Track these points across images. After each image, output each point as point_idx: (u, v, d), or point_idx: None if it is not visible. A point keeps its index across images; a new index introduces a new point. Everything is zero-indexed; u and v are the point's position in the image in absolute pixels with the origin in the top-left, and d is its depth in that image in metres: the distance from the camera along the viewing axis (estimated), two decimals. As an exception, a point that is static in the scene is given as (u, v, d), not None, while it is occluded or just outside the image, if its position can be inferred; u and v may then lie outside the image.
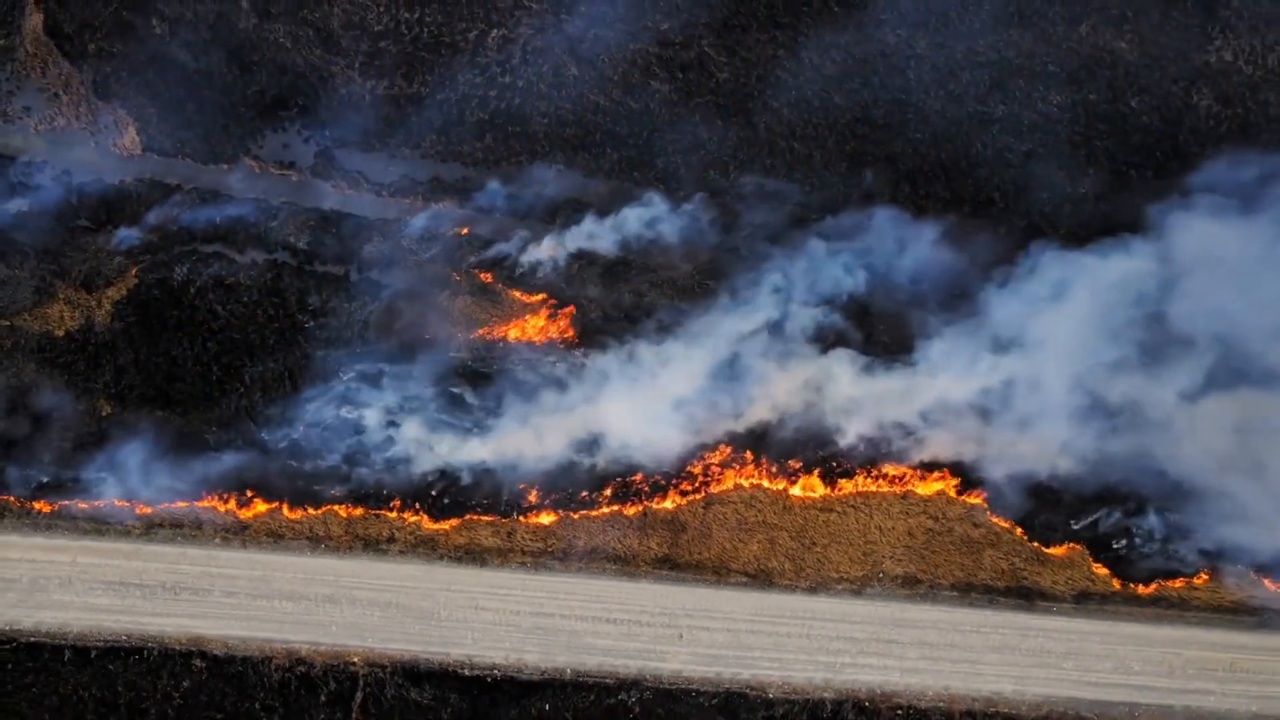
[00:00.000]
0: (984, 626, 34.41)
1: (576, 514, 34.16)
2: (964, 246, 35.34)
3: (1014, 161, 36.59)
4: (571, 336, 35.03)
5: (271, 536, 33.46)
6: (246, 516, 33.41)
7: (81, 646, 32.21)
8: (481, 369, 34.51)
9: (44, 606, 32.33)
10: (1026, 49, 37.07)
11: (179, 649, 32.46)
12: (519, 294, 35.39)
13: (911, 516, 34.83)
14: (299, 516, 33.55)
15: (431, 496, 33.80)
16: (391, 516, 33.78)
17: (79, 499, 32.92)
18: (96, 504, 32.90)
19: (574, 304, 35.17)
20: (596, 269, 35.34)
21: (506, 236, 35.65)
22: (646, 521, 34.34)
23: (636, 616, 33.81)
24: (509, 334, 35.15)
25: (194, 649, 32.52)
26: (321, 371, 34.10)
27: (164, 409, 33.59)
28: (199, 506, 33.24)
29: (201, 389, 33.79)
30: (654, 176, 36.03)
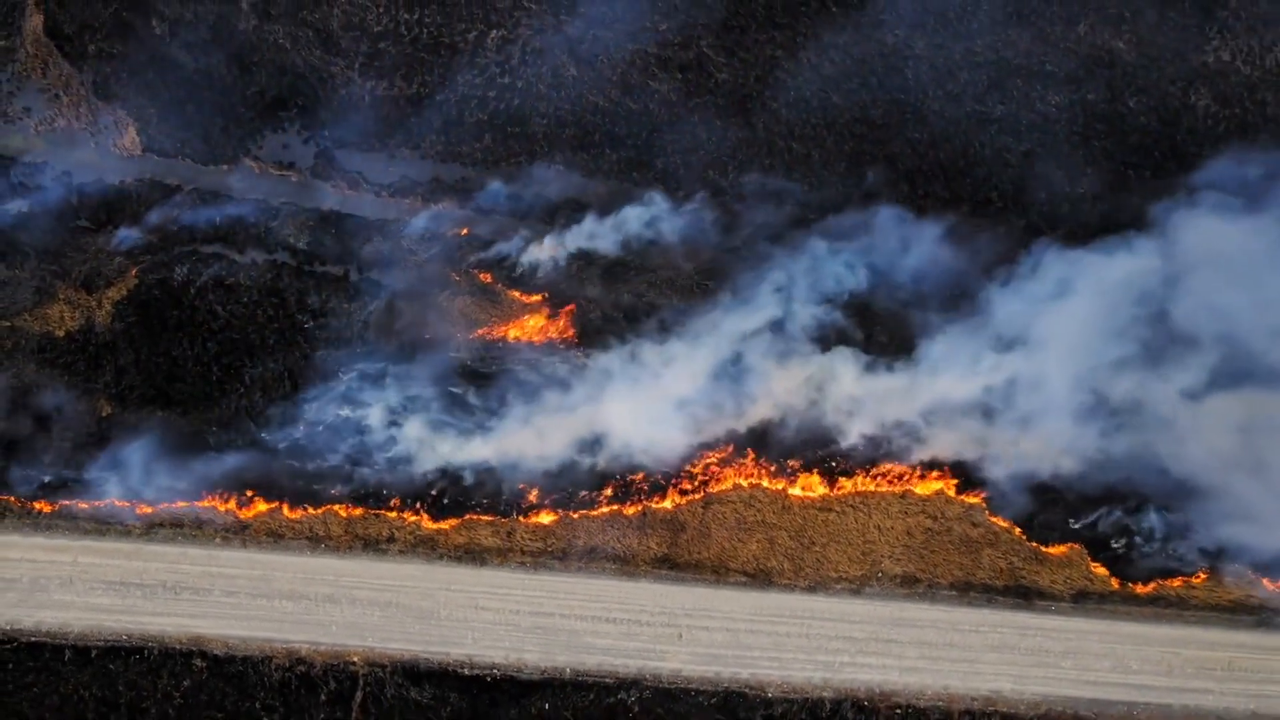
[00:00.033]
0: (982, 626, 34.44)
1: (576, 514, 34.20)
2: (966, 245, 35.36)
3: (1012, 161, 36.61)
4: (571, 336, 35.08)
5: (271, 536, 33.51)
6: (247, 516, 33.47)
7: (82, 646, 32.26)
8: (482, 369, 34.57)
9: (45, 606, 32.39)
10: (1024, 49, 37.10)
11: (179, 648, 32.51)
12: (518, 294, 35.44)
13: (910, 516, 34.85)
14: (299, 516, 33.60)
15: (433, 496, 33.84)
16: (391, 516, 33.82)
17: (80, 499, 32.97)
18: (97, 504, 32.95)
19: (573, 304, 35.24)
20: (596, 269, 35.38)
21: (507, 237, 35.71)
22: (646, 521, 34.37)
23: (636, 616, 33.84)
24: (509, 334, 35.19)
25: (194, 648, 32.57)
26: (321, 372, 34.16)
27: (164, 409, 33.64)
28: (199, 506, 33.30)
29: (202, 389, 33.84)
30: (653, 177, 36.06)
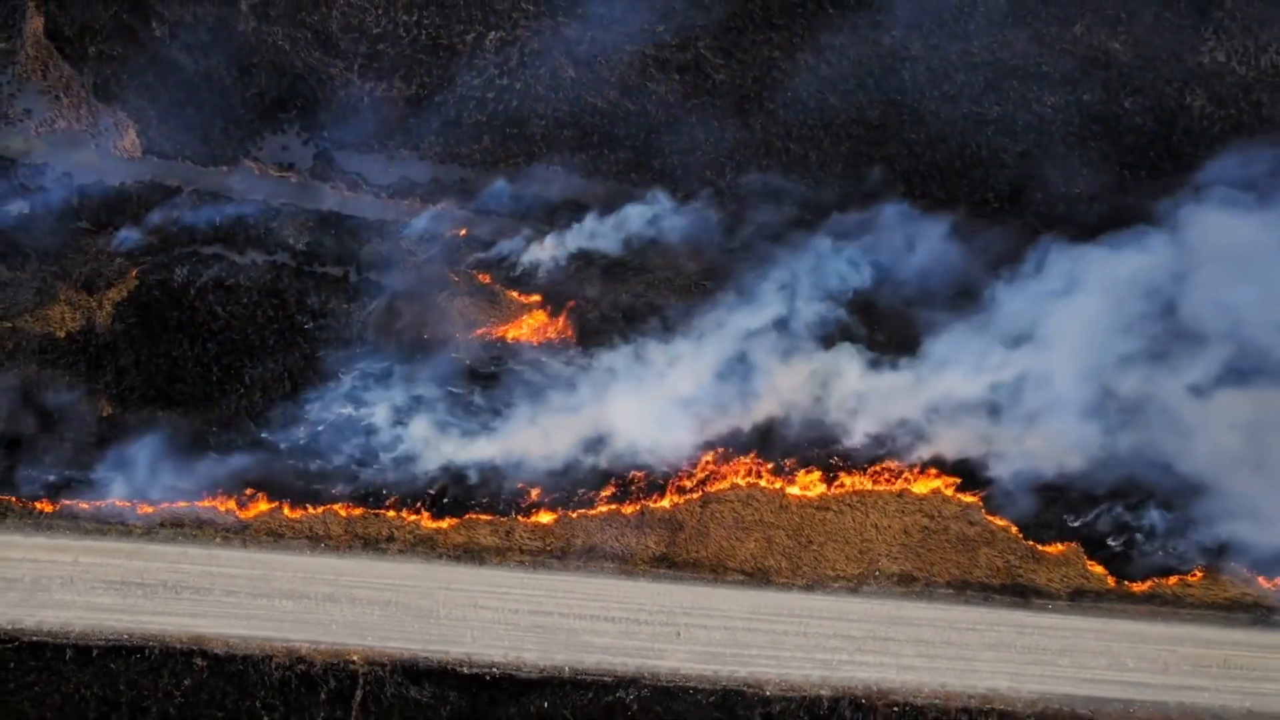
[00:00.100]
0: (979, 624, 34.53)
1: (574, 513, 34.30)
2: (971, 242, 35.36)
3: (1009, 162, 36.70)
4: (570, 336, 35.15)
5: (272, 536, 33.60)
6: (247, 516, 33.56)
7: (83, 645, 32.36)
8: (483, 369, 34.65)
9: (46, 606, 32.49)
10: (1021, 50, 37.19)
11: (180, 648, 32.61)
12: (517, 294, 35.53)
13: (907, 515, 34.93)
14: (299, 516, 33.69)
15: (435, 495, 33.89)
16: (391, 516, 33.91)
17: (81, 499, 33.08)
18: (98, 504, 33.05)
19: (573, 304, 35.32)
20: (596, 269, 35.44)
21: (507, 237, 35.78)
22: (644, 520, 34.46)
23: (634, 614, 33.94)
24: (508, 334, 35.28)
25: (195, 648, 32.66)
26: (322, 372, 34.25)
27: (165, 410, 33.73)
28: (200, 506, 33.39)
29: (202, 389, 33.94)
30: (651, 178, 36.13)
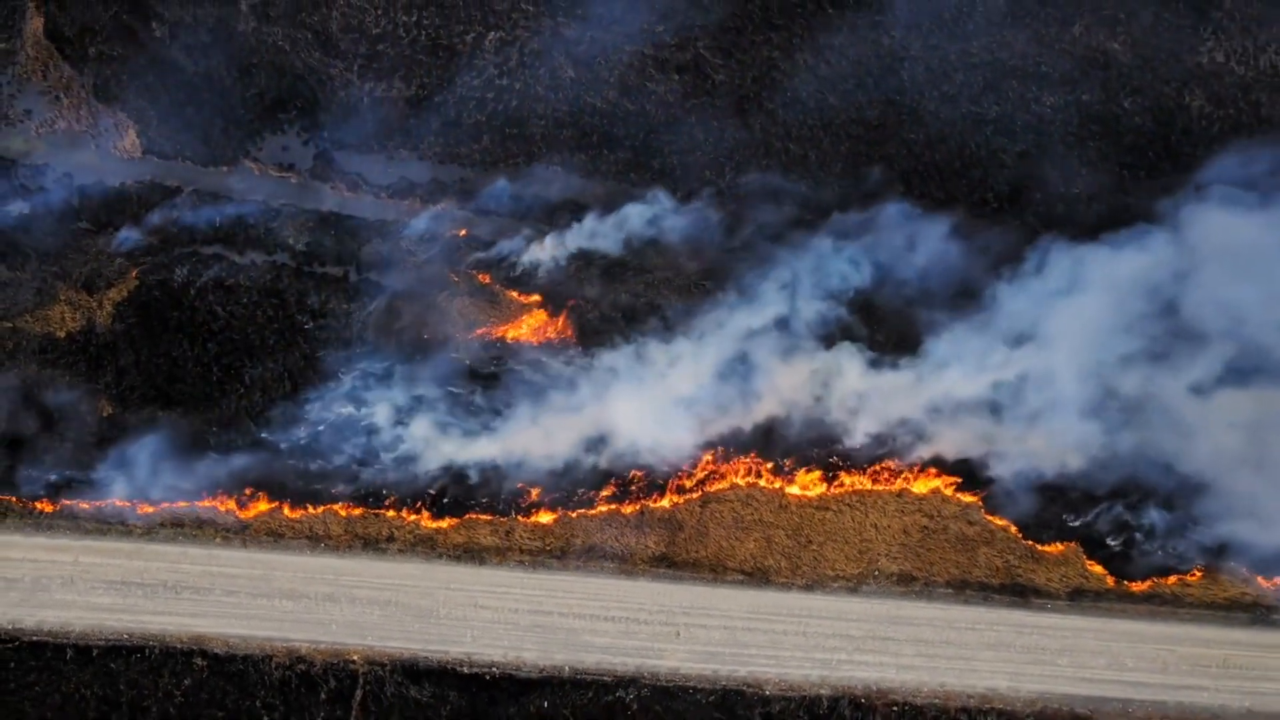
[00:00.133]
0: (979, 623, 34.56)
1: (574, 513, 34.33)
2: (972, 241, 35.35)
3: (1008, 162, 36.72)
4: (570, 336, 35.18)
5: (271, 536, 33.63)
6: (247, 516, 33.60)
7: (83, 645, 32.41)
8: (483, 369, 34.67)
9: (46, 605, 32.54)
10: (1020, 50, 37.21)
11: (180, 647, 32.65)
12: (517, 294, 35.56)
13: (907, 514, 34.96)
14: (299, 516, 33.72)
15: (435, 495, 33.92)
16: (391, 516, 33.95)
17: (81, 499, 33.11)
18: (99, 504, 33.10)
19: (572, 304, 35.35)
20: (595, 269, 35.47)
21: (507, 237, 35.82)
22: (644, 520, 34.50)
23: (634, 614, 33.97)
24: (508, 334, 35.32)
25: (195, 647, 32.71)
26: (322, 372, 34.29)
27: (165, 410, 33.77)
28: (200, 506, 33.43)
29: (202, 389, 33.97)
30: (650, 178, 36.15)
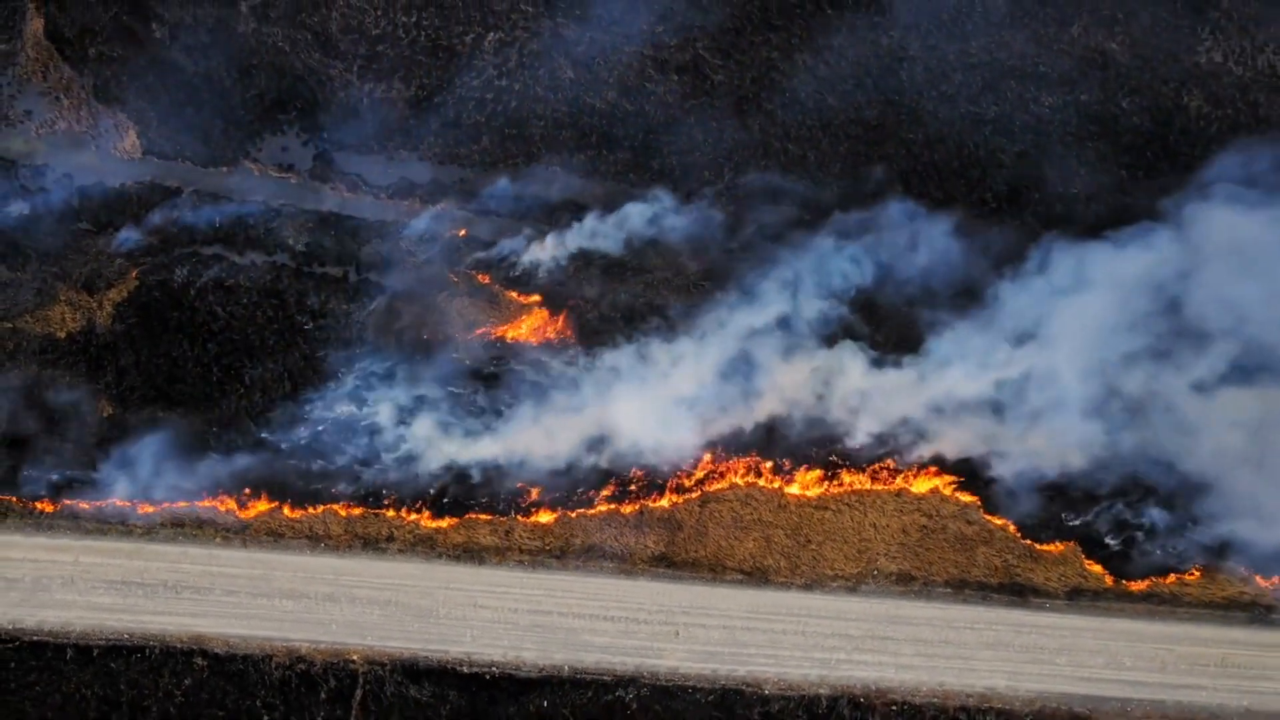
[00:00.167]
0: (978, 623, 34.61)
1: (574, 513, 34.37)
2: (974, 240, 35.37)
3: (1006, 162, 36.76)
4: (569, 336, 35.22)
5: (271, 536, 33.67)
6: (247, 516, 33.64)
7: (84, 645, 32.46)
8: (483, 369, 34.71)
9: (47, 605, 32.58)
10: (1019, 50, 37.26)
11: (180, 647, 32.70)
12: (517, 294, 35.59)
13: (905, 514, 35.00)
14: (299, 516, 33.76)
15: (436, 495, 33.95)
16: (391, 516, 33.99)
17: (81, 499, 33.15)
18: (99, 504, 33.13)
19: (572, 304, 35.37)
20: (595, 269, 35.51)
21: (507, 237, 35.84)
22: (643, 520, 34.54)
23: (633, 614, 34.02)
24: (508, 334, 35.36)
25: (195, 647, 32.75)
26: (321, 372, 34.33)
27: (165, 410, 33.81)
28: (200, 506, 33.47)
29: (202, 390, 34.02)
30: (650, 179, 36.20)
